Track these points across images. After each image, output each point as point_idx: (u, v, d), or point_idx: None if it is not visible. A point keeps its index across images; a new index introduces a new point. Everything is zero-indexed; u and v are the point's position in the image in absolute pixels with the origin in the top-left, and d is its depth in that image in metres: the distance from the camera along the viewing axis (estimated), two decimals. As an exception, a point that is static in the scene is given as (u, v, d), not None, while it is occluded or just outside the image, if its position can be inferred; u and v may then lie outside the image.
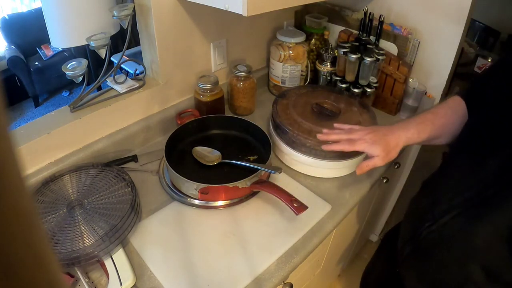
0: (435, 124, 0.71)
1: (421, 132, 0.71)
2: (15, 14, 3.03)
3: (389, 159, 0.71)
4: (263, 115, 1.13)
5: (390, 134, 0.71)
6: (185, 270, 0.67)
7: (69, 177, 0.78)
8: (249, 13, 0.66)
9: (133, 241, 0.72)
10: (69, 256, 0.61)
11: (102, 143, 0.88)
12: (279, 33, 1.15)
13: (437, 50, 1.06)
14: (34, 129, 0.79)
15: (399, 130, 0.72)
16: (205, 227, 0.76)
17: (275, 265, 0.69)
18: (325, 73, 1.19)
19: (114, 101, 0.89)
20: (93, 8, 0.87)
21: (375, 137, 0.71)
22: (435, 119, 0.72)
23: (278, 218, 0.78)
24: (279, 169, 0.80)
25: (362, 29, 1.11)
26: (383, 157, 0.70)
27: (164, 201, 0.81)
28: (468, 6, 0.95)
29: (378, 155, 0.70)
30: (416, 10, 1.06)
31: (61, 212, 0.70)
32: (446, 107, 0.73)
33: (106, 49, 0.82)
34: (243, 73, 1.04)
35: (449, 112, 0.72)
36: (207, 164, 0.86)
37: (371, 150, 0.70)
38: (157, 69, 0.95)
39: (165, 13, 0.87)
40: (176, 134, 0.90)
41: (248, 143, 0.96)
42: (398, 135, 0.71)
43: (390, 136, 0.71)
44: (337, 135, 0.76)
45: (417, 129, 0.71)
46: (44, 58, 3.04)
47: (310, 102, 0.96)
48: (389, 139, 0.71)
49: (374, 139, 0.71)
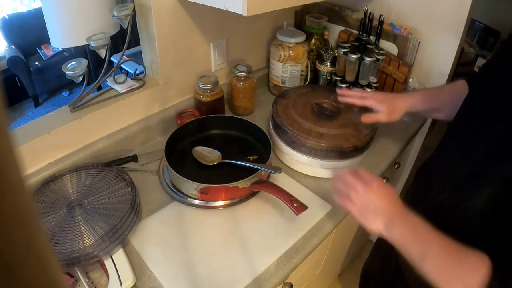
0: (439, 97, 0.80)
1: (424, 101, 0.80)
2: (15, 14, 3.03)
3: (393, 119, 0.81)
4: (263, 115, 1.13)
5: (397, 97, 0.82)
6: (185, 270, 0.67)
7: (69, 177, 0.78)
8: (249, 13, 0.66)
9: (133, 241, 0.72)
10: (69, 256, 0.61)
11: (102, 143, 0.88)
12: (279, 33, 1.15)
13: (437, 50, 1.07)
14: (34, 129, 0.79)
15: (405, 96, 0.82)
16: (205, 227, 0.76)
17: (275, 265, 0.69)
18: (325, 73, 1.19)
19: (114, 101, 0.89)
20: (93, 8, 0.87)
21: (383, 97, 0.82)
22: (440, 94, 0.80)
23: (278, 218, 0.78)
24: (279, 169, 0.80)
25: (362, 29, 1.11)
26: (387, 114, 0.80)
27: (164, 201, 0.81)
28: (468, 6, 0.95)
29: (383, 111, 0.80)
30: (416, 10, 1.06)
31: (61, 212, 0.70)
32: (452, 86, 0.79)
33: (106, 49, 0.82)
34: (243, 73, 1.04)
35: (453, 91, 0.77)
36: (207, 164, 0.86)
37: (378, 106, 0.81)
38: (157, 69, 0.95)
39: (165, 13, 0.87)
40: (176, 134, 0.90)
41: (248, 143, 0.96)
42: (403, 99, 0.81)
43: (396, 99, 0.81)
44: (353, 92, 0.87)
45: (422, 98, 0.80)
46: (44, 58, 3.04)
47: (310, 102, 0.96)
48: (394, 100, 0.81)
49: (382, 99, 0.82)
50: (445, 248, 0.53)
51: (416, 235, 0.56)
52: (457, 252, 0.51)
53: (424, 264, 0.53)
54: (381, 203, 0.62)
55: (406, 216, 0.59)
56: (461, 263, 0.50)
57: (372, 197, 0.62)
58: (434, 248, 0.53)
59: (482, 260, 0.48)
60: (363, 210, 0.63)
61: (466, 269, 0.49)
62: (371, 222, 0.62)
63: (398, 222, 0.59)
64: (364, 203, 0.63)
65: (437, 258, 0.52)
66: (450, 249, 0.52)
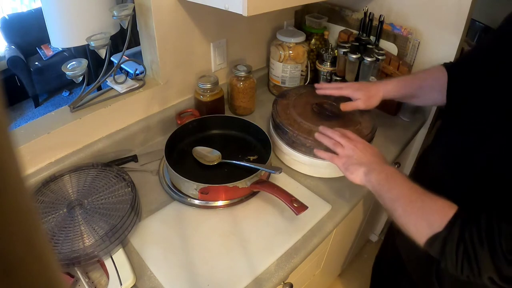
0: (413, 84, 0.83)
1: (400, 88, 0.85)
2: (15, 14, 3.03)
3: (370, 105, 0.85)
4: (263, 115, 1.13)
5: (372, 85, 0.87)
6: (185, 270, 0.67)
7: (69, 177, 0.78)
8: (249, 13, 0.65)
9: (133, 241, 0.72)
10: (69, 256, 0.61)
11: (102, 143, 0.88)
12: (279, 33, 1.15)
13: (437, 50, 1.06)
14: (34, 129, 0.79)
15: (381, 83, 0.87)
16: (205, 227, 0.76)
17: (275, 265, 0.69)
18: (325, 73, 1.19)
19: (114, 101, 0.89)
20: (93, 8, 0.87)
21: (358, 85, 0.87)
22: (414, 80, 0.84)
23: (278, 218, 0.78)
24: (279, 169, 0.80)
25: (362, 29, 1.11)
26: (364, 100, 0.85)
27: (164, 201, 0.81)
28: (468, 6, 0.95)
29: (360, 98, 0.85)
30: (416, 10, 1.06)
31: (61, 212, 0.70)
32: (426, 73, 0.83)
33: (106, 49, 0.82)
34: (243, 73, 1.04)
35: (428, 78, 0.82)
36: (207, 164, 0.86)
37: (355, 94, 0.85)
38: (157, 69, 0.95)
39: (165, 13, 0.87)
40: (176, 134, 0.90)
41: (248, 143, 0.96)
42: (378, 86, 0.86)
43: (371, 86, 0.86)
44: (329, 84, 0.93)
45: (397, 85, 0.85)
46: (44, 58, 3.04)
47: (310, 102, 0.96)
48: (370, 87, 0.86)
49: (358, 87, 0.87)
50: (416, 192, 0.56)
51: (391, 181, 0.61)
52: (427, 197, 0.55)
53: (395, 207, 0.57)
54: (365, 156, 0.69)
55: (385, 167, 0.65)
56: (427, 204, 0.54)
57: (357, 151, 0.70)
58: (405, 191, 0.58)
59: (450, 205, 0.52)
60: (347, 162, 0.70)
61: (433, 210, 0.52)
62: (354, 173, 0.68)
63: (376, 170, 0.65)
64: (348, 155, 0.71)
65: (407, 200, 0.56)
66: (420, 194, 0.56)
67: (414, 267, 0.75)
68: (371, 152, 0.70)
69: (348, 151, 0.71)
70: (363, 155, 0.69)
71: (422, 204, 0.54)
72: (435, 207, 0.52)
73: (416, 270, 0.74)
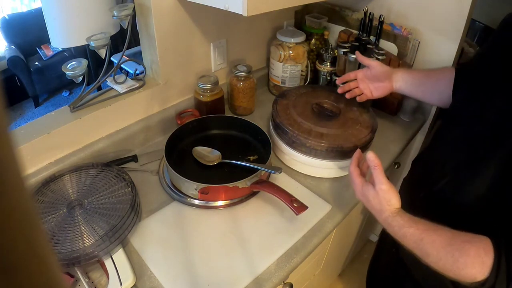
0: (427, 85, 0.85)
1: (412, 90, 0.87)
2: (15, 14, 3.03)
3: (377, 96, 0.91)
4: (263, 115, 1.13)
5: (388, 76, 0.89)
6: (185, 270, 0.67)
7: (69, 177, 0.78)
8: (249, 13, 0.65)
9: (133, 241, 0.72)
10: (69, 256, 0.61)
11: (102, 143, 0.88)
12: (279, 33, 1.15)
13: (437, 50, 1.06)
14: (34, 129, 0.79)
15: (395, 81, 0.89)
16: (205, 227, 0.76)
17: (275, 265, 0.69)
18: (325, 73, 1.19)
19: (114, 101, 0.89)
20: (93, 8, 0.87)
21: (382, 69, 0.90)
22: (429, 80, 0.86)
23: (278, 218, 0.78)
24: (279, 169, 0.80)
25: (362, 29, 1.11)
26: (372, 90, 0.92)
27: (164, 201, 0.81)
28: (468, 6, 0.95)
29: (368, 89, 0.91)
30: (416, 10, 1.06)
31: (61, 212, 0.70)
32: (441, 75, 0.83)
33: (106, 49, 0.82)
34: (243, 73, 1.04)
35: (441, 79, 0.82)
36: (207, 164, 0.86)
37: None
38: (157, 69, 0.95)
39: (165, 13, 0.87)
40: (176, 134, 0.90)
41: (248, 143, 0.96)
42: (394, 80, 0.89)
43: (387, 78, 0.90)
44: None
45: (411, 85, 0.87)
46: (44, 58, 3.04)
47: (310, 102, 0.96)
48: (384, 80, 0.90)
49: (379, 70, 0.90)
50: (441, 247, 0.52)
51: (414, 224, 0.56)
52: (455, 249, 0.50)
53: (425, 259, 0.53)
54: (380, 205, 0.62)
55: (403, 213, 0.60)
56: (460, 259, 0.49)
57: (372, 195, 0.64)
58: (429, 249, 0.53)
59: (484, 248, 0.48)
60: (363, 199, 0.66)
61: (468, 265, 0.48)
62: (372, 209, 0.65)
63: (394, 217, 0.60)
64: (365, 194, 0.66)
65: (436, 258, 0.52)
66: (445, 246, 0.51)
67: (422, 277, 0.71)
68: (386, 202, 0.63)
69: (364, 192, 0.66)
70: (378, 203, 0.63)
71: (453, 259, 0.50)
72: (470, 260, 0.48)
73: (426, 279, 0.70)
